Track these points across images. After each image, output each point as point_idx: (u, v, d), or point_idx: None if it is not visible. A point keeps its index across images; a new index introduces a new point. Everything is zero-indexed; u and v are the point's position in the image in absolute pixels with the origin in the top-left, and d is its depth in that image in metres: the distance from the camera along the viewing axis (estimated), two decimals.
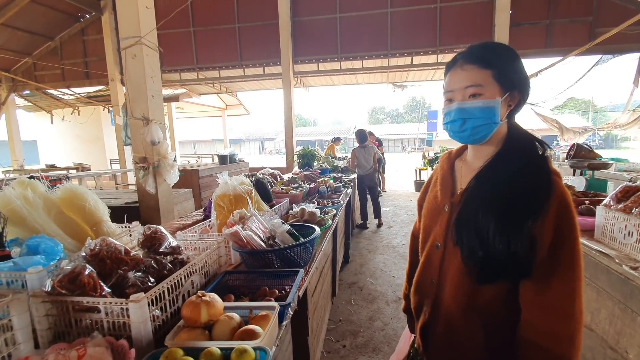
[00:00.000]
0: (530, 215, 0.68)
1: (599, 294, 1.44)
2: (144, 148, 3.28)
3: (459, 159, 0.93)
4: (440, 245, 0.84)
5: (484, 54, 0.75)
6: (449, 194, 0.86)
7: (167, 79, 9.01)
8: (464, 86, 0.76)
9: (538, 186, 0.69)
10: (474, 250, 0.73)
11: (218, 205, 1.70)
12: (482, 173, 0.77)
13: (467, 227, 0.75)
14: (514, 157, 0.75)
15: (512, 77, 0.75)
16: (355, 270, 3.26)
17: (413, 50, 7.42)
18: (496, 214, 0.71)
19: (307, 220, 1.67)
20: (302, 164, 4.86)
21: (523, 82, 0.77)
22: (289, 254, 1.25)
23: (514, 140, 0.78)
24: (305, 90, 10.15)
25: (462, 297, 0.79)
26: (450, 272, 0.81)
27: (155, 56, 3.40)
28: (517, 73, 0.76)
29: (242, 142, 40.27)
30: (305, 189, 2.58)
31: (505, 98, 0.74)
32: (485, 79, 0.74)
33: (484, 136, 0.77)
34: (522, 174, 0.72)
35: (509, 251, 0.68)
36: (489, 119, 0.74)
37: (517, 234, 0.68)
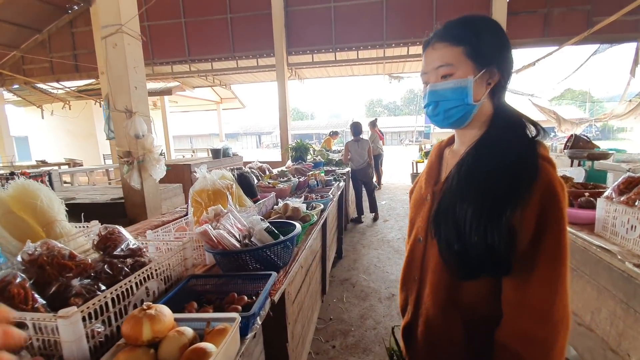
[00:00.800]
0: (508, 203, 0.60)
1: (600, 293, 1.35)
2: (128, 142, 3.15)
3: (448, 147, 0.85)
4: (422, 239, 0.78)
5: (455, 29, 0.68)
6: (432, 183, 0.80)
7: (158, 71, 8.82)
8: (435, 67, 0.69)
9: (520, 171, 0.61)
10: (450, 243, 0.66)
11: (195, 201, 1.59)
12: (463, 159, 0.70)
13: (445, 218, 0.68)
14: (497, 140, 0.67)
15: (487, 53, 0.66)
16: (348, 266, 3.18)
17: (409, 40, 7.26)
18: (473, 203, 0.63)
19: (290, 216, 1.56)
20: (295, 157, 4.74)
21: (502, 57, 0.68)
22: (266, 254, 1.15)
23: (499, 122, 0.70)
24: (300, 82, 9.98)
25: (441, 293, 0.73)
26: (430, 266, 0.75)
27: (137, 45, 3.25)
28: (493, 47, 0.67)
29: (239, 136, 40.00)
30: (293, 182, 2.47)
31: (481, 76, 0.67)
32: (456, 56, 0.67)
33: (460, 119, 0.70)
34: (504, 157, 0.64)
35: (487, 244, 0.61)
36: (460, 101, 0.68)
37: (495, 224, 0.60)
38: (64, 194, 4.07)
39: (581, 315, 1.46)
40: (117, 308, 0.76)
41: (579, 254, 1.48)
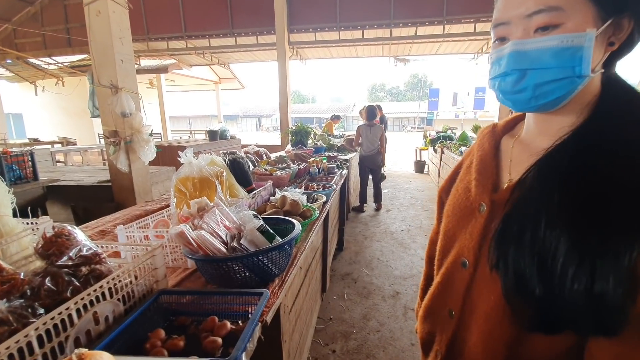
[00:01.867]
0: (637, 238, 0.37)
1: None
2: (114, 120, 2.90)
3: (508, 134, 0.61)
4: (468, 264, 0.55)
5: None
6: (490, 187, 0.55)
7: (153, 47, 8.44)
8: (527, 12, 0.44)
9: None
10: (526, 281, 0.43)
11: (178, 190, 1.37)
12: (552, 158, 0.46)
13: (518, 244, 0.45)
14: (614, 133, 0.43)
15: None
16: (349, 259, 2.99)
17: (417, 20, 6.86)
18: (573, 231, 0.40)
19: (288, 211, 1.35)
20: (295, 141, 4.49)
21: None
22: (258, 261, 0.94)
23: (613, 107, 0.45)
24: (302, 62, 9.58)
25: (497, 347, 0.50)
26: (481, 307, 0.53)
27: (124, 14, 2.95)
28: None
29: (238, 118, 39.43)
30: (293, 170, 2.24)
31: (605, 30, 0.42)
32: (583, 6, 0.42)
33: (558, 99, 0.45)
34: (628, 166, 0.40)
35: (591, 293, 0.39)
36: (569, 70, 0.43)
37: (610, 267, 0.38)
38: (49, 174, 3.85)
39: None
40: (48, 348, 0.55)
41: None
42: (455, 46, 8.38)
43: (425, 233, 3.67)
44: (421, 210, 4.63)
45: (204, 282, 1.01)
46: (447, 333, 0.60)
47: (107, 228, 1.48)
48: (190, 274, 1.08)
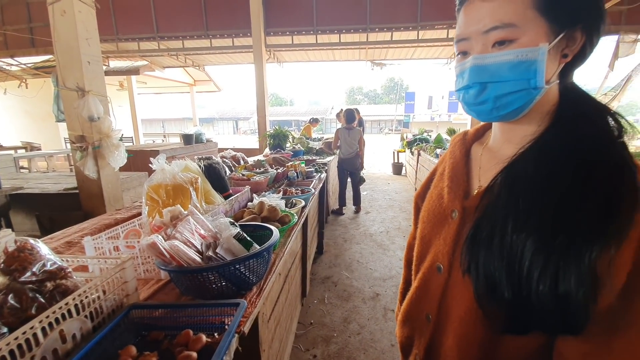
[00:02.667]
0: (597, 238, 0.39)
1: None
2: (81, 125, 2.76)
3: (478, 142, 0.63)
4: (443, 269, 0.57)
5: None
6: (461, 194, 0.57)
7: (123, 48, 8.13)
8: (484, 28, 0.46)
9: (615, 193, 0.40)
10: (496, 285, 0.45)
11: (150, 198, 1.32)
12: (517, 166, 0.48)
13: (488, 249, 0.46)
14: (571, 141, 0.45)
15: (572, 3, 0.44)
16: (329, 263, 3.00)
17: (393, 25, 7.03)
18: (537, 234, 0.42)
19: (266, 217, 1.33)
20: (273, 145, 4.46)
21: (592, 10, 0.45)
22: (235, 270, 0.92)
23: (570, 114, 0.47)
24: (279, 66, 9.54)
25: (471, 349, 0.52)
26: (456, 311, 0.54)
27: (91, 14, 2.82)
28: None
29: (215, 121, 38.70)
30: (271, 174, 2.22)
31: (557, 43, 0.45)
32: (521, 12, 0.44)
33: (517, 109, 0.48)
34: (587, 169, 0.42)
35: (556, 293, 0.41)
36: (524, 82, 0.45)
37: (573, 267, 0.40)
38: (12, 182, 3.61)
39: None
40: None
41: None
42: (429, 51, 8.63)
43: (404, 234, 3.74)
44: (399, 212, 4.72)
45: (178, 293, 0.98)
46: (425, 337, 0.61)
47: (74, 239, 1.40)
48: (163, 285, 1.04)
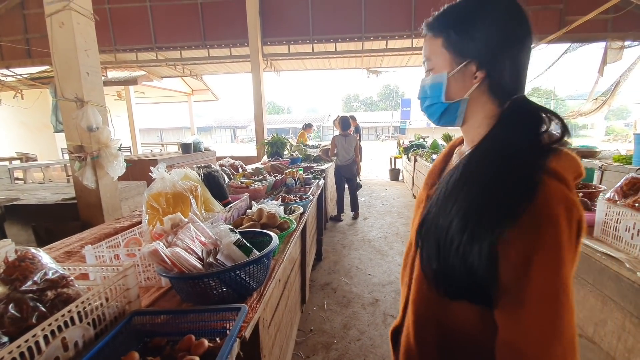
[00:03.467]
0: (496, 222, 0.49)
1: (605, 304, 1.25)
2: (80, 135, 2.78)
3: (460, 146, 0.74)
4: (413, 244, 0.71)
5: (441, 16, 0.60)
6: (430, 185, 0.73)
7: (121, 59, 8.19)
8: (422, 61, 0.66)
9: (515, 185, 0.49)
10: (430, 257, 0.57)
11: (151, 207, 1.34)
12: (462, 161, 0.59)
13: (429, 228, 0.59)
14: (499, 142, 0.55)
15: (468, 42, 0.56)
16: (328, 269, 3.00)
17: (388, 33, 7.15)
18: (457, 215, 0.53)
19: (265, 223, 1.34)
20: (271, 152, 4.49)
21: (488, 48, 0.55)
22: (235, 275, 0.93)
23: (507, 121, 0.56)
24: (276, 74, 9.64)
25: (420, 308, 0.64)
26: (415, 276, 0.67)
27: (89, 25, 2.86)
28: (478, 33, 0.55)
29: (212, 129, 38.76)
30: (269, 182, 2.24)
31: (459, 70, 0.58)
32: (435, 49, 0.60)
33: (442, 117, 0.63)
34: (502, 164, 0.52)
35: (465, 267, 0.51)
36: (436, 98, 0.62)
37: (477, 244, 0.50)
38: (7, 193, 3.60)
39: (583, 326, 1.36)
40: None
41: (579, 260, 1.37)
42: None
43: (402, 239, 3.75)
44: (397, 217, 4.73)
45: (179, 300, 0.99)
46: (404, 298, 0.73)
47: (73, 249, 1.41)
48: (164, 292, 1.05)
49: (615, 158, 3.88)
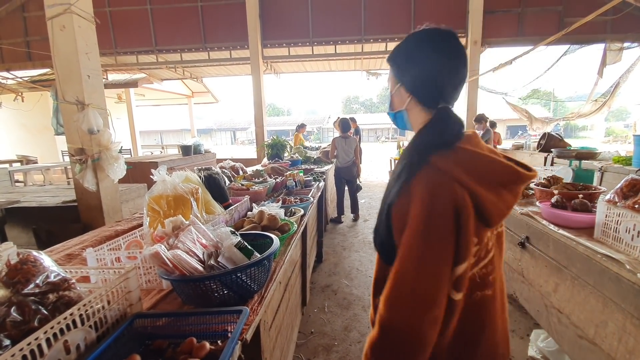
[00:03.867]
0: (388, 198, 0.69)
1: (606, 305, 1.25)
2: (80, 138, 2.79)
3: None
4: None
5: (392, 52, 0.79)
6: None
7: (122, 61, 8.23)
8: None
9: (403, 172, 0.68)
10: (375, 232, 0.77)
11: (152, 209, 1.34)
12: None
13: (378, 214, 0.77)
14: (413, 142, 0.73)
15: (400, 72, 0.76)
16: (329, 271, 3.00)
17: (387, 36, 7.17)
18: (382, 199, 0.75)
19: (266, 226, 1.35)
20: (271, 155, 4.49)
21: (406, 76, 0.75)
22: (237, 278, 0.94)
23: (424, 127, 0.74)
24: (276, 77, 9.67)
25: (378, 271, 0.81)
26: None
27: (90, 29, 2.88)
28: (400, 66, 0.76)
29: (212, 131, 38.80)
30: (270, 184, 2.25)
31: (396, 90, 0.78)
32: (390, 74, 0.82)
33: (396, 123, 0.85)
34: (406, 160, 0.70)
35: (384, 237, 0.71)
36: (389, 109, 0.85)
37: (384, 221, 0.70)
38: (7, 195, 3.61)
39: (583, 327, 1.36)
40: None
41: (580, 262, 1.38)
42: None
43: None
44: None
45: (180, 303, 0.99)
46: None
47: (74, 251, 1.41)
48: (165, 295, 1.05)
49: (615, 159, 3.88)
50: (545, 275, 1.62)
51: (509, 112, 8.67)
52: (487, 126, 5.66)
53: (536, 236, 1.72)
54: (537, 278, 1.68)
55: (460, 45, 0.73)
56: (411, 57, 0.74)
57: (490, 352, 0.73)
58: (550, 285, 1.57)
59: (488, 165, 0.65)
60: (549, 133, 5.26)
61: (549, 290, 1.58)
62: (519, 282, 1.88)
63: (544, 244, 1.65)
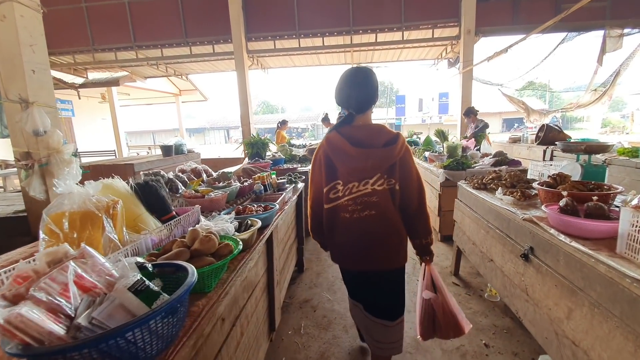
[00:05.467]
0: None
1: (639, 345, 0.96)
2: (26, 140, 2.46)
3: None
4: None
5: None
6: None
7: (100, 59, 7.84)
8: None
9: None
10: None
11: (49, 231, 1.04)
12: None
13: None
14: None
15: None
16: (309, 282, 2.70)
17: (377, 26, 6.85)
18: None
19: (197, 249, 1.04)
20: (251, 154, 4.18)
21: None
22: (121, 343, 0.64)
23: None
24: (264, 72, 9.31)
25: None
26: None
27: (36, 18, 2.54)
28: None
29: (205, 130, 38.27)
30: (232, 189, 1.94)
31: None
32: None
33: None
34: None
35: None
36: None
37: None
38: None
39: None
40: None
41: (601, 285, 1.09)
42: (415, 52, 8.47)
43: None
44: None
45: None
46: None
47: None
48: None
49: (620, 151, 3.61)
50: (555, 296, 1.33)
51: (505, 105, 8.40)
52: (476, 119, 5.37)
53: (542, 248, 1.43)
54: (545, 299, 1.40)
55: (347, 72, 1.41)
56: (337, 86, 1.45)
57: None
58: (562, 310, 1.28)
59: (336, 143, 1.35)
60: (547, 125, 4.99)
61: (560, 315, 1.29)
62: (522, 300, 1.60)
63: (552, 258, 1.36)
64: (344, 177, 1.34)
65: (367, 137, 1.32)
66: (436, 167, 3.69)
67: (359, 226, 1.33)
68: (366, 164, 1.29)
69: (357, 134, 1.33)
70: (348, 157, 1.30)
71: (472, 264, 2.45)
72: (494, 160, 3.64)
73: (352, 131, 1.34)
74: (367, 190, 1.32)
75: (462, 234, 2.53)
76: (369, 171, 1.31)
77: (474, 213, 2.24)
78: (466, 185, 2.46)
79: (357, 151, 1.28)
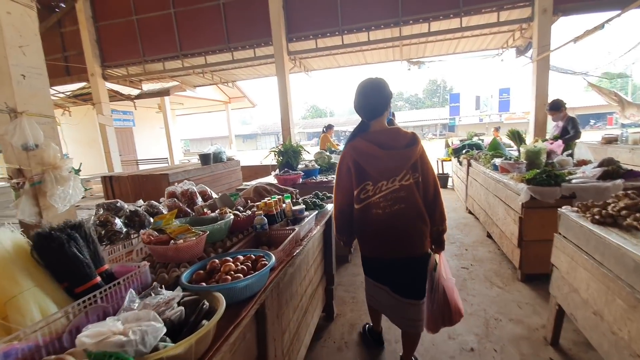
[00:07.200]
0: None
1: None
2: (17, 156, 2.18)
3: None
4: None
5: None
6: None
7: (150, 69, 8.05)
8: None
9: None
10: None
11: None
12: None
13: None
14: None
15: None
16: (339, 339, 2.02)
17: (430, 14, 5.96)
18: None
19: None
20: (281, 163, 3.64)
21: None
22: None
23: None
24: (307, 75, 8.86)
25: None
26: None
27: (27, 15, 2.26)
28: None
29: (258, 136, 39.51)
30: (215, 227, 1.35)
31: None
32: None
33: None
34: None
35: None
36: None
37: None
38: None
39: None
40: None
41: None
42: (475, 42, 7.34)
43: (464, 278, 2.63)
44: (449, 243, 3.56)
45: None
46: None
47: None
48: None
49: None
50: None
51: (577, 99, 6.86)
52: (567, 115, 4.18)
53: None
54: None
55: (361, 83, 1.60)
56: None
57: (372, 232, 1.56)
58: None
59: (363, 149, 1.50)
60: None
61: None
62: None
63: None
64: (374, 178, 1.49)
65: (390, 140, 1.49)
66: (514, 181, 2.77)
67: (391, 220, 1.48)
68: (393, 164, 1.46)
69: (381, 138, 1.49)
70: (377, 159, 1.46)
71: (577, 328, 1.57)
72: (601, 171, 2.62)
73: (376, 136, 1.51)
74: (395, 187, 1.48)
75: (568, 290, 1.66)
76: (396, 170, 1.47)
77: (598, 265, 1.39)
78: (578, 217, 1.60)
79: (384, 153, 1.45)
